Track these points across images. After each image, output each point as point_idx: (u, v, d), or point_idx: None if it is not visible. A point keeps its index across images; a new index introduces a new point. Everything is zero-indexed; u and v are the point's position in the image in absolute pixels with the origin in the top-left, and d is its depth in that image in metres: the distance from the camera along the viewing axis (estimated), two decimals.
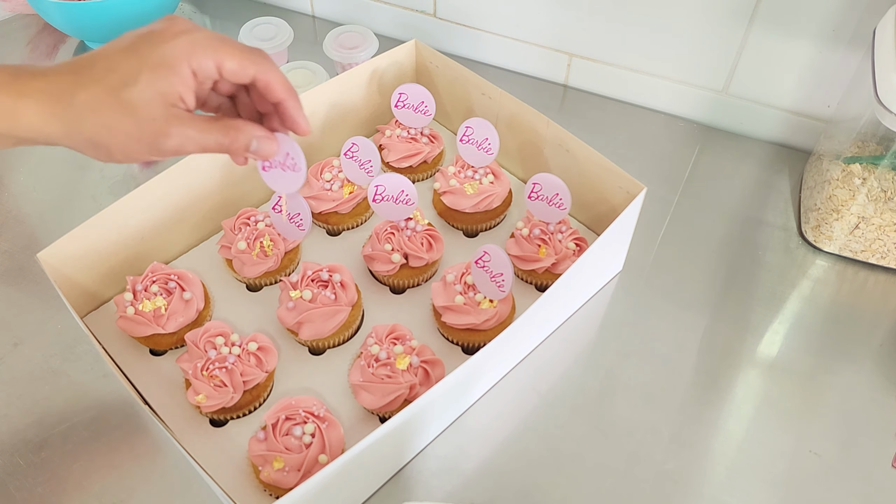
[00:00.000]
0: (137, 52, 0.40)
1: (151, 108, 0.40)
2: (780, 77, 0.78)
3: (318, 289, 0.61)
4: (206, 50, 0.40)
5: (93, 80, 0.39)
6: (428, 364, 0.58)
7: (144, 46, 0.40)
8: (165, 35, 0.40)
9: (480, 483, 0.56)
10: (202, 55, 0.40)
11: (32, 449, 0.57)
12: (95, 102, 0.39)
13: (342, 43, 0.88)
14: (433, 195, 0.73)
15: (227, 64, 0.41)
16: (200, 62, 0.40)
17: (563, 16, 0.83)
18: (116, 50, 0.40)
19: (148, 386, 0.60)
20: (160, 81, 0.39)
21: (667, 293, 0.68)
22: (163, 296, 0.61)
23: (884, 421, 0.60)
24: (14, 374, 0.62)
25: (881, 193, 0.66)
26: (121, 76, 0.39)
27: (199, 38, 0.41)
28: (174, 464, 0.57)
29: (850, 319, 0.67)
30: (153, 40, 0.40)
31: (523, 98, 0.71)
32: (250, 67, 0.42)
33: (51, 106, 0.39)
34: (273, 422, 0.53)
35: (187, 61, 0.40)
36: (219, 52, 0.41)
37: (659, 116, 0.87)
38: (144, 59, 0.39)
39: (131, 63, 0.39)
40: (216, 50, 0.41)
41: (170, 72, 0.40)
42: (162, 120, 0.40)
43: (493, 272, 0.58)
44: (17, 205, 0.76)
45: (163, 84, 0.40)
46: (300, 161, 0.50)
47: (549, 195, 0.64)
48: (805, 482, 0.56)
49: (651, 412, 0.60)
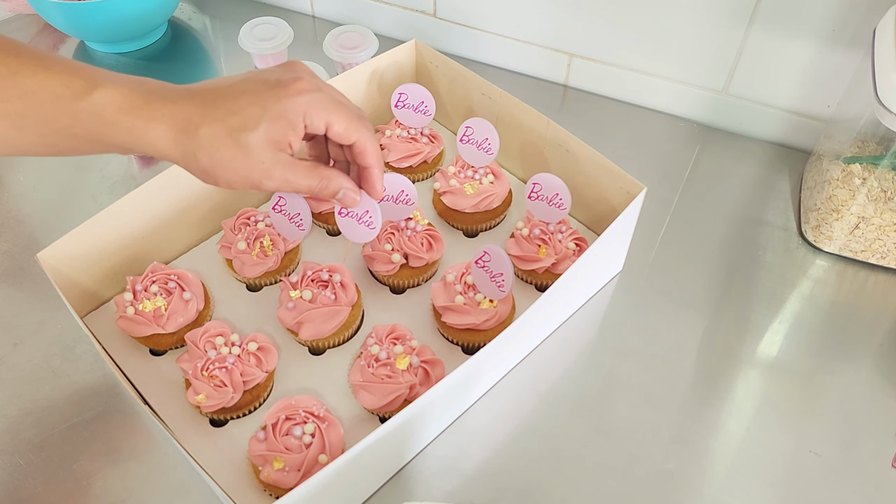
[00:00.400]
0: (262, 102, 0.44)
1: (263, 152, 0.44)
2: (780, 77, 0.78)
3: (318, 289, 0.61)
4: (320, 112, 0.45)
5: (217, 119, 0.43)
6: (428, 364, 0.58)
7: (270, 99, 0.44)
8: (290, 91, 0.45)
9: (480, 483, 0.56)
10: (316, 115, 0.45)
11: (32, 449, 0.57)
12: (215, 139, 0.43)
13: (342, 43, 0.88)
14: (433, 195, 0.73)
15: (335, 127, 0.47)
16: (313, 121, 0.45)
17: (563, 16, 0.83)
18: (242, 92, 0.44)
19: (148, 386, 0.60)
20: (276, 131, 0.44)
21: (667, 293, 0.68)
22: (163, 296, 0.61)
23: (884, 421, 0.60)
24: (14, 374, 0.62)
25: (881, 193, 0.66)
26: (242, 120, 0.44)
27: (318, 98, 0.45)
28: (174, 464, 0.57)
29: (850, 319, 0.67)
30: (278, 94, 0.44)
31: (523, 98, 0.71)
32: (353, 134, 0.48)
33: (175, 133, 0.43)
34: (273, 422, 0.53)
35: (303, 118, 0.45)
36: (331, 115, 0.46)
37: (659, 116, 0.87)
38: (267, 110, 0.44)
39: (255, 110, 0.44)
40: (329, 112, 0.46)
41: (286, 125, 0.45)
42: (269, 163, 0.45)
43: (493, 272, 0.58)
44: (17, 205, 0.76)
45: (277, 134, 0.44)
46: (377, 222, 0.56)
47: (549, 195, 0.64)
48: (805, 482, 0.56)
49: (651, 412, 0.60)
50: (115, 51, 0.96)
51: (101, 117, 0.42)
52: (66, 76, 0.42)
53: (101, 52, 0.96)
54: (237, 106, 0.44)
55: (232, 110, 0.44)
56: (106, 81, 0.43)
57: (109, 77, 0.43)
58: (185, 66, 0.94)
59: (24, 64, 0.41)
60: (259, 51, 0.88)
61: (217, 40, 0.99)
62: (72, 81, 0.42)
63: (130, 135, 0.43)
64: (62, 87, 0.42)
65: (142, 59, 0.95)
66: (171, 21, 1.01)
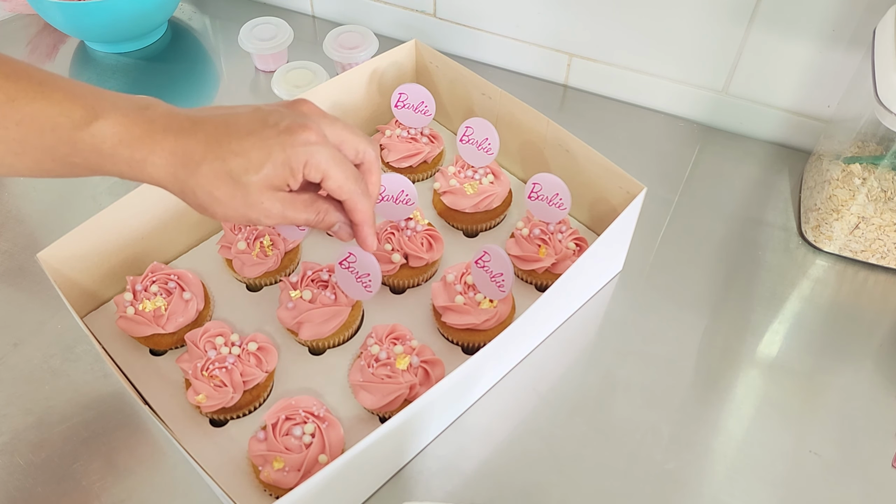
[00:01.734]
0: (268, 147, 0.44)
1: (262, 194, 0.45)
2: (780, 77, 0.78)
3: (317, 289, 0.61)
4: (319, 164, 0.46)
5: (219, 158, 0.44)
6: (428, 364, 0.58)
7: (276, 146, 0.44)
8: (296, 140, 0.45)
9: (480, 483, 0.56)
10: (315, 168, 0.46)
11: (32, 449, 0.57)
12: (215, 178, 0.44)
13: (342, 43, 0.88)
14: (433, 195, 0.73)
15: (330, 182, 0.47)
16: (311, 171, 0.46)
17: (563, 16, 0.83)
18: (249, 133, 0.45)
19: (148, 386, 0.60)
20: (276, 178, 0.45)
21: (667, 293, 0.68)
22: (163, 296, 0.61)
23: (884, 421, 0.60)
24: (14, 374, 0.62)
25: (881, 193, 0.66)
26: (245, 163, 0.44)
27: (320, 152, 0.46)
28: (174, 464, 0.57)
29: (850, 319, 0.67)
30: (284, 142, 0.45)
31: (523, 98, 0.71)
32: (346, 193, 0.48)
33: (174, 168, 0.43)
34: (273, 422, 0.53)
35: (303, 167, 0.45)
36: (330, 170, 0.46)
37: (659, 116, 0.87)
38: (271, 157, 0.44)
39: (259, 155, 0.44)
40: (329, 167, 0.46)
41: (287, 172, 0.45)
42: (268, 202, 0.46)
43: (493, 272, 0.58)
44: (17, 205, 0.76)
45: (277, 179, 0.45)
46: (374, 286, 0.58)
47: (549, 195, 0.64)
48: (805, 482, 0.56)
49: (651, 412, 0.60)
50: (115, 51, 0.96)
51: (100, 149, 0.42)
52: (66, 104, 0.42)
53: (101, 52, 0.96)
54: (241, 147, 0.44)
55: (235, 151, 0.44)
56: (106, 110, 0.42)
57: (110, 105, 0.43)
58: (185, 66, 0.94)
59: (23, 90, 0.41)
60: (259, 51, 0.88)
61: (217, 40, 0.99)
62: (71, 110, 0.42)
63: (129, 166, 0.43)
64: (61, 117, 0.41)
65: (142, 59, 0.95)
66: (171, 21, 1.01)
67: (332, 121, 0.49)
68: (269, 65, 0.92)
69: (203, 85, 0.92)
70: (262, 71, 0.92)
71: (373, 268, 0.57)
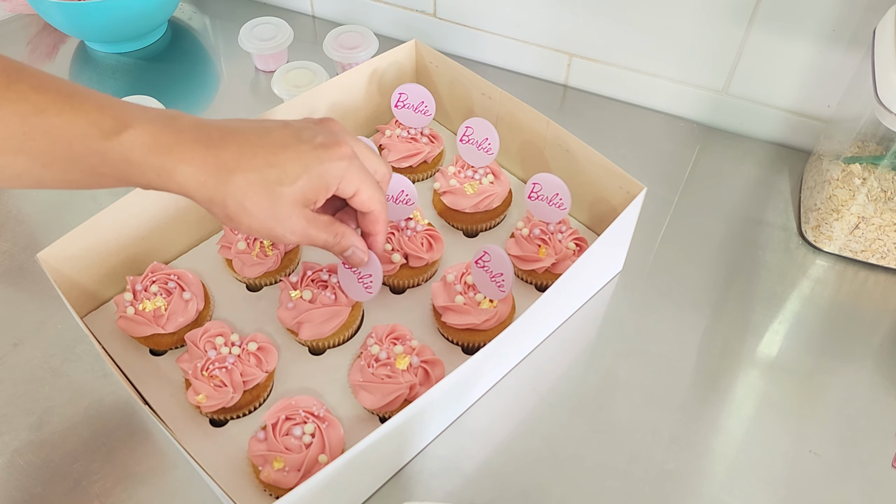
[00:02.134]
0: (303, 161, 0.45)
1: (293, 208, 0.45)
2: (780, 77, 0.78)
3: (317, 289, 0.61)
4: (353, 179, 0.47)
5: (253, 168, 0.44)
6: (428, 364, 0.58)
7: (312, 160, 0.45)
8: (332, 156, 0.46)
9: (480, 483, 0.56)
10: (349, 183, 0.47)
11: (32, 449, 0.57)
12: (249, 188, 0.44)
13: (342, 43, 0.88)
14: (433, 195, 0.73)
15: (362, 195, 0.49)
16: (345, 186, 0.47)
17: (563, 16, 0.83)
18: (284, 147, 0.45)
19: (148, 386, 0.60)
20: (311, 191, 0.45)
21: (667, 293, 0.68)
22: (163, 296, 0.61)
23: (884, 421, 0.60)
24: (14, 374, 0.62)
25: (881, 193, 0.66)
26: (280, 175, 0.44)
27: (355, 167, 0.47)
28: (174, 464, 0.57)
29: (850, 319, 0.67)
30: (321, 156, 0.45)
31: (523, 98, 0.71)
32: (375, 204, 0.50)
33: (205, 177, 0.43)
34: (273, 422, 0.53)
35: (338, 183, 0.46)
36: (361, 185, 0.48)
37: (659, 116, 0.87)
38: (307, 170, 0.45)
39: (295, 168, 0.44)
40: (361, 182, 0.48)
41: (322, 186, 0.46)
42: (295, 218, 0.46)
43: (493, 272, 0.58)
44: (17, 205, 0.76)
45: (312, 193, 0.46)
46: (375, 287, 0.58)
47: (549, 195, 0.64)
48: (805, 482, 0.56)
49: (651, 412, 0.60)
50: (115, 51, 0.96)
51: (129, 158, 0.42)
52: (95, 114, 0.41)
53: (101, 52, 0.96)
54: (277, 160, 0.44)
55: (271, 163, 0.44)
56: (135, 120, 0.42)
57: (139, 115, 0.42)
58: (185, 66, 0.94)
59: (52, 101, 0.40)
60: (259, 51, 0.88)
61: (217, 40, 0.99)
62: (101, 120, 0.41)
63: (158, 175, 0.43)
64: (90, 127, 0.41)
65: (142, 59, 0.95)
66: (171, 21, 1.01)
67: (356, 139, 0.50)
68: (269, 65, 0.92)
69: (203, 85, 0.92)
70: (262, 71, 0.92)
71: (375, 269, 0.57)
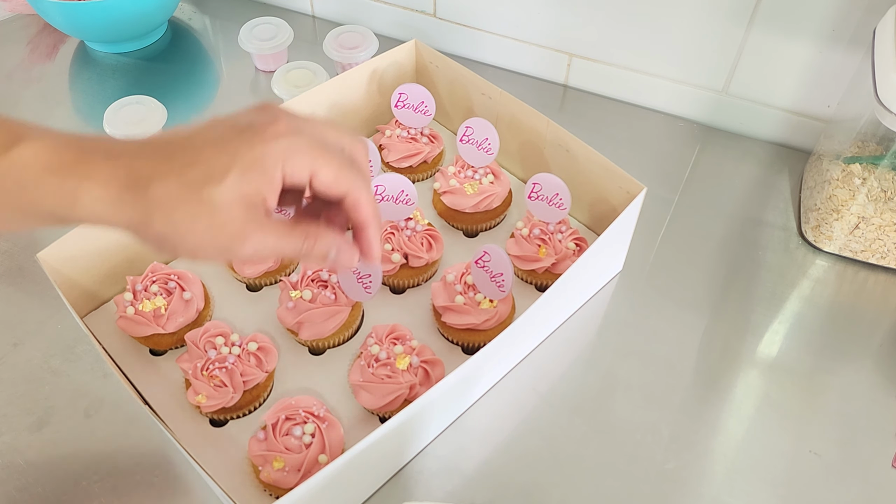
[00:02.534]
0: (230, 149, 0.36)
1: (232, 210, 0.36)
2: (780, 77, 0.78)
3: (318, 289, 0.61)
4: (303, 158, 0.37)
5: (172, 172, 0.35)
6: (428, 364, 0.58)
7: (241, 145, 0.36)
8: (265, 135, 0.37)
9: (480, 483, 0.56)
10: (298, 163, 0.37)
11: (32, 449, 0.57)
12: (172, 197, 0.35)
13: (342, 43, 0.88)
14: (433, 195, 0.73)
15: (322, 176, 0.38)
16: (294, 170, 0.37)
17: (563, 16, 0.83)
18: (205, 141, 0.37)
19: (148, 386, 0.60)
20: (247, 184, 0.36)
21: (667, 293, 0.68)
22: (163, 296, 0.61)
23: (884, 421, 0.60)
24: (14, 374, 0.62)
25: (881, 193, 0.66)
26: (205, 172, 0.35)
27: (299, 143, 0.37)
28: (174, 464, 0.57)
29: (850, 319, 0.67)
30: (251, 140, 0.36)
31: (523, 98, 0.71)
32: (344, 183, 0.39)
33: (119, 193, 0.35)
34: (273, 422, 0.53)
35: (281, 165, 0.37)
36: (316, 161, 0.38)
37: (659, 116, 0.87)
38: (237, 158, 0.36)
39: (222, 160, 0.36)
40: (315, 158, 0.38)
41: (261, 175, 0.36)
42: (241, 223, 0.36)
43: (493, 272, 0.58)
44: None
45: (249, 186, 0.36)
46: (375, 286, 0.53)
47: (549, 195, 0.64)
48: (805, 482, 0.56)
49: (651, 412, 0.60)
50: (115, 51, 0.96)
51: (22, 179, 0.35)
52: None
53: (102, 52, 0.96)
54: (200, 156, 0.36)
55: (191, 161, 0.36)
56: (30, 135, 0.35)
57: (37, 131, 0.36)
58: (185, 66, 0.94)
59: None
60: (259, 51, 0.88)
61: (217, 40, 0.99)
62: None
63: (59, 199, 0.35)
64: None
65: (142, 59, 0.95)
66: (171, 21, 1.01)
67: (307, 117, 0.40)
68: (269, 65, 0.92)
69: (203, 85, 0.92)
70: (262, 71, 0.92)
71: (374, 269, 0.57)
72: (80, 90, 0.91)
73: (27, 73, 0.93)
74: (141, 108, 0.80)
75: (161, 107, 0.80)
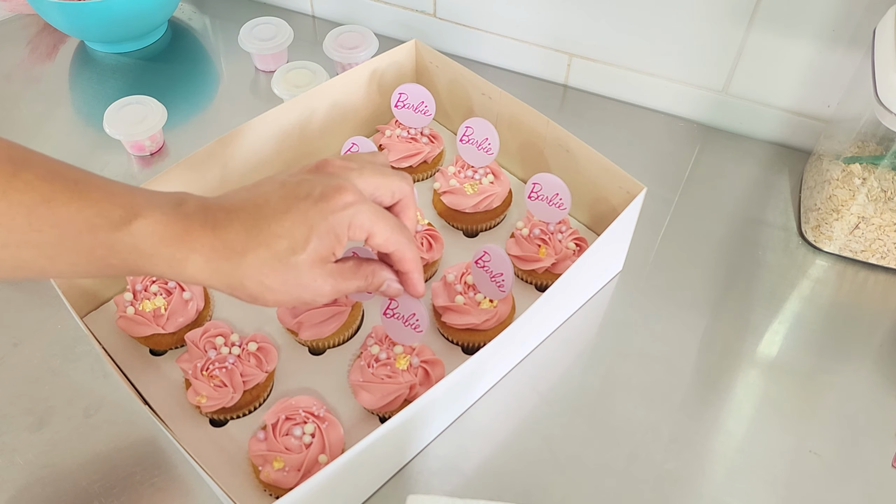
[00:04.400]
0: (308, 221, 0.43)
1: (312, 271, 0.44)
2: (780, 77, 0.78)
3: None
4: (363, 224, 0.45)
5: (262, 244, 0.42)
6: (428, 364, 0.58)
7: (315, 217, 0.43)
8: (335, 206, 0.44)
9: (481, 483, 0.56)
10: (359, 228, 0.45)
11: (32, 449, 0.57)
12: (263, 266, 0.42)
13: (342, 43, 0.88)
14: (433, 195, 0.73)
15: (376, 238, 0.46)
16: (356, 233, 0.45)
17: (563, 16, 0.83)
18: (284, 212, 0.43)
19: (148, 386, 0.60)
20: (323, 248, 0.44)
21: (667, 293, 0.68)
22: (163, 296, 0.61)
23: (884, 421, 0.60)
24: (14, 374, 0.62)
25: (881, 193, 0.66)
26: (290, 243, 0.43)
27: (362, 211, 0.45)
28: (174, 464, 0.57)
29: (850, 319, 0.67)
30: (323, 210, 0.43)
31: (523, 98, 0.71)
32: (392, 245, 0.47)
33: (218, 263, 0.42)
34: (273, 422, 0.53)
35: (347, 230, 0.45)
36: (374, 227, 0.46)
37: (659, 116, 0.87)
38: (314, 229, 0.43)
39: (302, 231, 0.43)
40: (372, 224, 0.45)
41: (333, 239, 0.44)
42: (320, 280, 0.45)
43: (493, 272, 0.58)
44: None
45: (325, 250, 0.44)
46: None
47: (549, 195, 0.64)
48: (805, 482, 0.56)
49: (651, 412, 0.60)
50: (115, 51, 0.96)
51: (139, 249, 0.41)
52: (105, 204, 0.40)
53: (101, 52, 0.96)
54: (282, 229, 0.43)
55: (277, 234, 0.42)
56: (145, 209, 0.41)
57: (147, 203, 0.41)
58: (185, 66, 0.94)
59: (58, 190, 0.39)
60: (259, 51, 0.88)
61: (217, 40, 0.99)
62: (110, 210, 0.40)
63: (169, 266, 0.41)
64: (99, 217, 0.39)
65: (142, 59, 0.95)
66: (171, 21, 1.01)
67: (360, 170, 0.47)
68: (269, 65, 0.92)
69: (203, 85, 0.92)
70: (262, 71, 0.92)
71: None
72: (80, 90, 0.91)
73: (27, 73, 0.93)
74: (141, 108, 0.80)
75: (161, 107, 0.81)
